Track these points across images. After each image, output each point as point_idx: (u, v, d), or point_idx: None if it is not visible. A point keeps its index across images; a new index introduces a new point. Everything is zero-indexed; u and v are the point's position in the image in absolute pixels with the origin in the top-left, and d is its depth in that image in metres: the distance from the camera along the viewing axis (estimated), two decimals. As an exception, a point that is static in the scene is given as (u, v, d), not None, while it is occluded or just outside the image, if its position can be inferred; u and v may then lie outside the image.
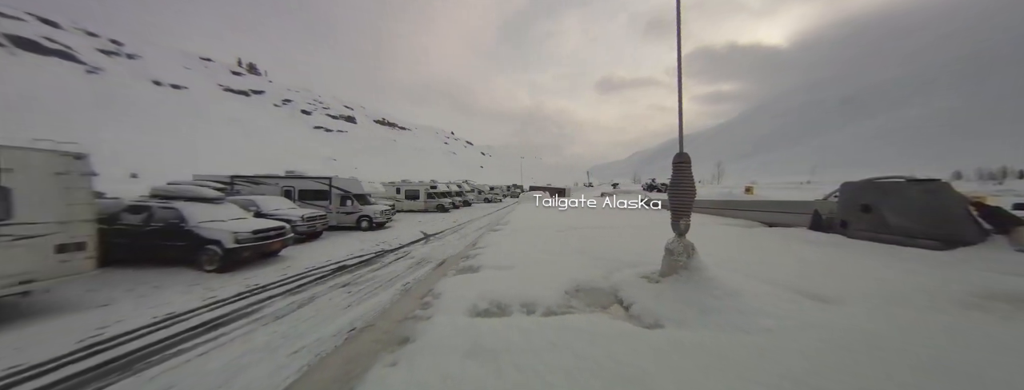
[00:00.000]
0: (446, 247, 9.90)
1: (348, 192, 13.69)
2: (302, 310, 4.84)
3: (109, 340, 3.91)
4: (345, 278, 6.55)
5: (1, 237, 4.22)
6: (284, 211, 10.52)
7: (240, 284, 6.10)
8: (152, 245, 7.09)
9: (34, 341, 3.85)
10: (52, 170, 4.73)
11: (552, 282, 4.49)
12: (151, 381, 3.08)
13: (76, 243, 4.90)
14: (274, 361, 3.41)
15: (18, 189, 4.40)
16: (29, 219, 4.47)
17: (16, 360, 3.42)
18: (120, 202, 7.65)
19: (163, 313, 4.73)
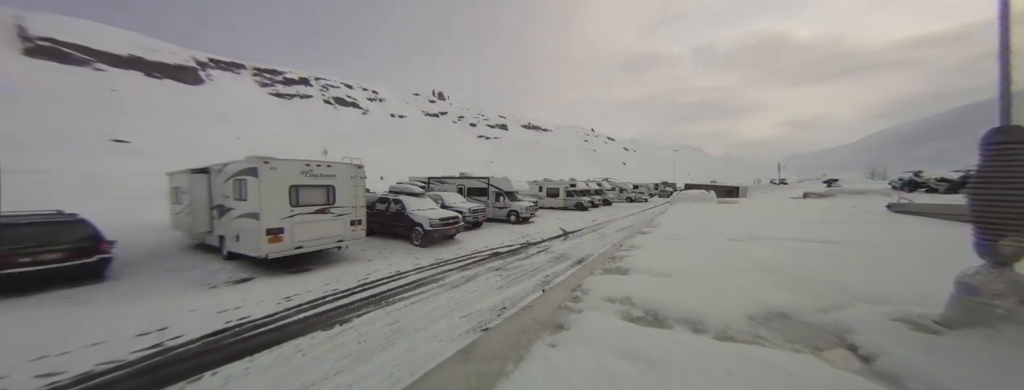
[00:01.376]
0: (584, 245, 9.84)
1: (501, 189, 15.81)
2: (468, 284, 5.96)
3: (371, 282, 6.07)
4: (497, 263, 7.60)
5: (330, 214, 7.28)
6: (458, 204, 13.26)
7: (432, 257, 8.15)
8: (390, 224, 10.48)
9: (339, 276, 6.44)
10: (350, 175, 7.75)
11: (726, 300, 3.67)
12: (388, 314, 4.57)
13: (359, 220, 7.86)
14: (451, 319, 4.38)
15: (337, 187, 7.46)
16: (341, 204, 7.50)
17: (334, 287, 5.81)
18: (375, 195, 11.70)
19: (394, 270, 6.90)
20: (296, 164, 6.74)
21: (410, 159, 74.95)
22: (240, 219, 6.69)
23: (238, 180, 6.75)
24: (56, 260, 5.31)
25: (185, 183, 8.48)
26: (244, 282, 5.97)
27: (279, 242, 6.31)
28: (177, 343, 3.72)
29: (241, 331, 4.04)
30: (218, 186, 7.57)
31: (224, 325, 4.18)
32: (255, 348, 3.60)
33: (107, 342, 3.69)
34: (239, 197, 6.74)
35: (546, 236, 11.67)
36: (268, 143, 53.68)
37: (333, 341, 3.78)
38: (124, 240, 7.38)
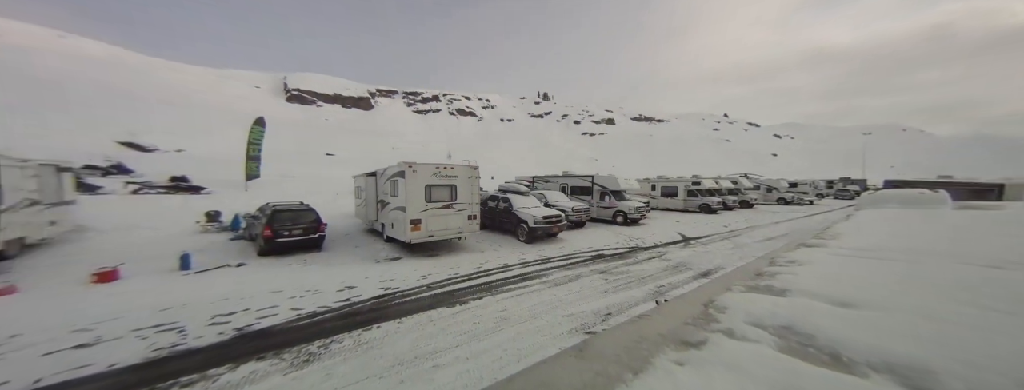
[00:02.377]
0: (712, 255, 8.27)
1: (606, 188, 14.95)
2: (571, 284, 5.90)
3: (483, 271, 6.78)
4: (601, 266, 7.23)
5: (453, 209, 8.49)
6: (561, 203, 13.29)
7: (536, 254, 8.45)
8: (499, 220, 11.45)
9: (459, 263, 7.43)
10: (467, 175, 8.85)
11: (976, 350, 2.46)
12: (498, 302, 5.00)
13: (474, 215, 8.89)
14: (553, 316, 4.44)
15: (458, 186, 8.63)
16: (461, 201, 8.65)
17: (456, 271, 6.75)
18: (486, 193, 12.97)
19: (502, 263, 7.51)
20: (430, 167, 8.15)
21: (517, 160, 79.53)
22: (394, 211, 8.59)
23: (393, 181, 8.67)
24: (300, 234, 8.09)
25: (362, 183, 11.48)
26: (396, 260, 7.64)
27: (418, 230, 7.78)
28: (359, 299, 5.09)
29: (394, 298, 5.20)
30: (381, 185, 9.91)
31: (384, 291, 5.46)
32: (403, 313, 4.57)
33: (321, 292, 5.39)
34: (393, 194, 8.64)
35: (660, 241, 10.40)
36: (411, 151, 66.83)
37: (455, 318, 4.41)
38: (330, 224, 10.57)
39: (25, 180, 7.07)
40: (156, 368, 3.19)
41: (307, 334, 3.92)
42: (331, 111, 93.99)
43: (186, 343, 3.65)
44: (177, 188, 16.54)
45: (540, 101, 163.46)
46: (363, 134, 78.16)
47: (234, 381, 2.96)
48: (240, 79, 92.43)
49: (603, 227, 13.34)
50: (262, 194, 16.07)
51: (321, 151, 50.38)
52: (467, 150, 76.16)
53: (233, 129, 41.56)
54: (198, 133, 41.35)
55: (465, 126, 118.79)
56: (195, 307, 4.64)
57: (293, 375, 3.05)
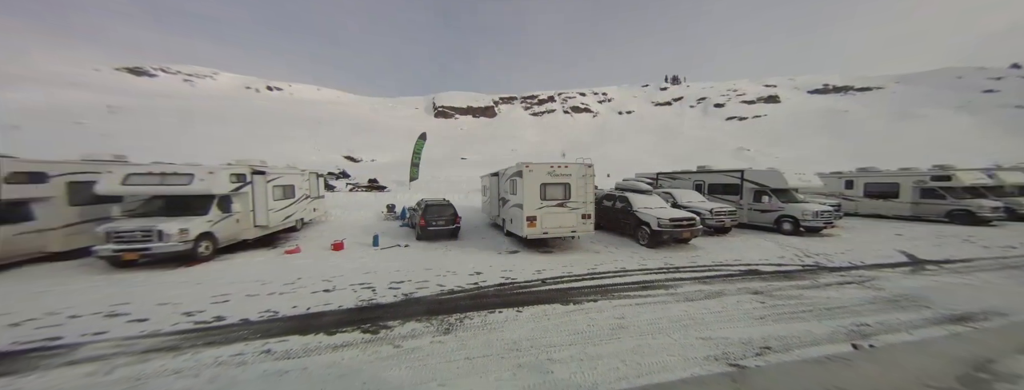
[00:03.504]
0: (978, 291, 5.26)
1: (764, 186, 11.65)
2: (708, 301, 4.92)
3: (598, 273, 6.51)
4: (756, 285, 5.71)
5: (566, 207, 8.50)
6: (695, 204, 11.24)
7: (661, 260, 7.46)
8: (615, 221, 10.73)
9: (573, 262, 7.37)
10: (581, 174, 8.67)
11: None
12: (614, 307, 4.70)
13: (588, 214, 8.65)
14: (684, 336, 3.81)
15: (572, 184, 8.57)
16: (575, 199, 8.57)
17: (570, 270, 6.74)
18: (601, 192, 12.34)
19: (619, 266, 7.00)
20: (544, 166, 8.43)
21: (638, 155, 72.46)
22: (513, 208, 9.33)
23: (512, 180, 9.43)
24: (443, 225, 9.88)
25: (487, 182, 12.99)
26: (515, 254, 8.29)
27: (534, 227, 8.20)
28: (485, 284, 5.81)
29: (513, 287, 5.66)
30: (502, 184, 10.95)
31: (504, 281, 6.03)
32: (521, 302, 4.92)
33: (457, 274, 6.41)
34: (513, 192, 9.40)
35: (862, 261, 7.38)
36: (528, 152, 70.97)
37: (568, 316, 4.42)
38: (463, 217, 12.44)
39: (304, 183, 11.42)
40: (362, 313, 4.57)
41: (447, 307, 4.76)
42: (465, 122, 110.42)
43: (376, 299, 5.07)
44: (371, 187, 23.12)
45: (667, 86, 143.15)
46: (488, 139, 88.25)
47: (402, 333, 3.91)
48: (406, 104, 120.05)
49: (759, 235, 10.54)
50: (419, 192, 20.51)
51: (457, 156, 59.87)
52: (581, 148, 74.70)
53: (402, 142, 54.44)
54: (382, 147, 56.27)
55: (580, 123, 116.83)
56: (381, 274, 6.38)
57: (438, 339, 3.77)
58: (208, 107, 65.07)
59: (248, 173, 8.50)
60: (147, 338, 3.77)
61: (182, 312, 4.49)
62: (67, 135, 36.32)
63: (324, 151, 47.92)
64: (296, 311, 4.57)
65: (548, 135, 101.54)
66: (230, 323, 4.18)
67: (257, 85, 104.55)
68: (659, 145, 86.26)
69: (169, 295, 5.12)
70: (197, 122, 52.66)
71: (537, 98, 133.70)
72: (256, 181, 8.69)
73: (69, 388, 2.88)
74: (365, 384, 2.93)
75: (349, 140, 57.93)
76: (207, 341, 3.71)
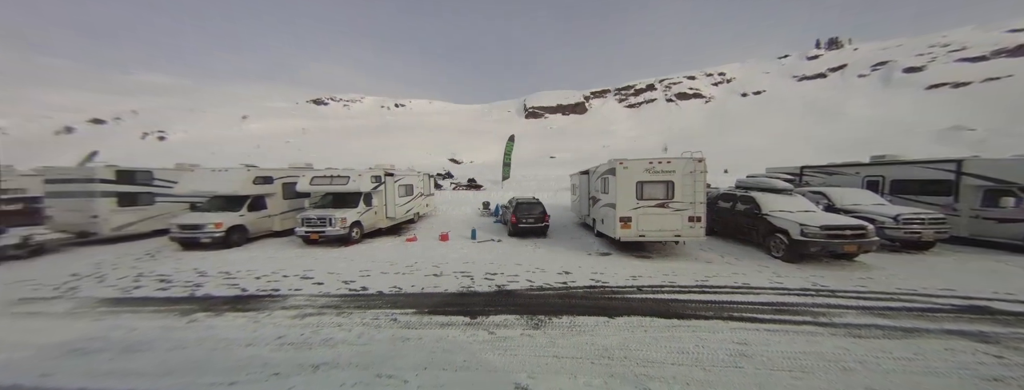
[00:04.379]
0: None
1: (1008, 183, 7.65)
2: (890, 342, 3.57)
3: (710, 286, 5.54)
4: (984, 328, 3.82)
5: (669, 208, 7.50)
6: (866, 207, 8.28)
7: (805, 279, 5.81)
8: (736, 226, 8.90)
9: (676, 270, 6.46)
10: (689, 170, 7.51)
11: None
12: (732, 330, 3.92)
13: (697, 217, 7.44)
14: (847, 384, 2.86)
15: (676, 182, 7.52)
16: (680, 199, 7.50)
17: (672, 279, 5.94)
18: (716, 191, 10.40)
19: (740, 281, 5.78)
20: (642, 163, 7.66)
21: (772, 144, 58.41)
22: (604, 207, 8.84)
23: (603, 178, 8.93)
24: (532, 222, 10.15)
25: (576, 181, 12.68)
26: (606, 256, 7.85)
27: (628, 228, 7.56)
28: (574, 285, 5.70)
29: (604, 292, 5.37)
30: (593, 182, 10.50)
31: (594, 283, 5.77)
32: (612, 309, 4.62)
33: (545, 272, 6.47)
34: (604, 191, 8.90)
35: None
36: (622, 148, 65.97)
37: (670, 331, 3.91)
38: (552, 215, 12.48)
39: (419, 183, 13.53)
40: (462, 298, 5.13)
41: (537, 303, 4.87)
42: (554, 120, 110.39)
43: (474, 287, 5.61)
44: (470, 186, 25.65)
45: (820, 52, 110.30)
46: (578, 136, 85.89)
47: (495, 322, 4.21)
48: (499, 108, 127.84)
49: (993, 256, 7.13)
50: (511, 190, 21.64)
51: (546, 154, 60.41)
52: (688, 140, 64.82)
53: (496, 145, 58.37)
54: (479, 149, 61.58)
55: (688, 111, 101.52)
56: (477, 265, 7.02)
57: (528, 333, 3.90)
58: (357, 124, 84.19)
59: (382, 175, 10.61)
60: (322, 297, 5.16)
61: (342, 280, 5.95)
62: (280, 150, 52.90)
63: (434, 155, 55.68)
64: (414, 289, 5.46)
65: (646, 128, 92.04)
66: (370, 293, 5.32)
67: (387, 104, 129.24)
68: (804, 131, 67.35)
69: (335, 266, 6.87)
70: (351, 136, 68.99)
71: (633, 88, 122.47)
72: (387, 181, 10.77)
73: (281, 323, 4.20)
74: (465, 361, 3.28)
75: (453, 144, 65.65)
76: (357, 304, 4.81)
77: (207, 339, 3.77)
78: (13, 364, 3.29)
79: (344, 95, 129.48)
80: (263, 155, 44.80)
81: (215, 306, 4.78)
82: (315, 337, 3.81)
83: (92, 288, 5.61)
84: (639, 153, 44.61)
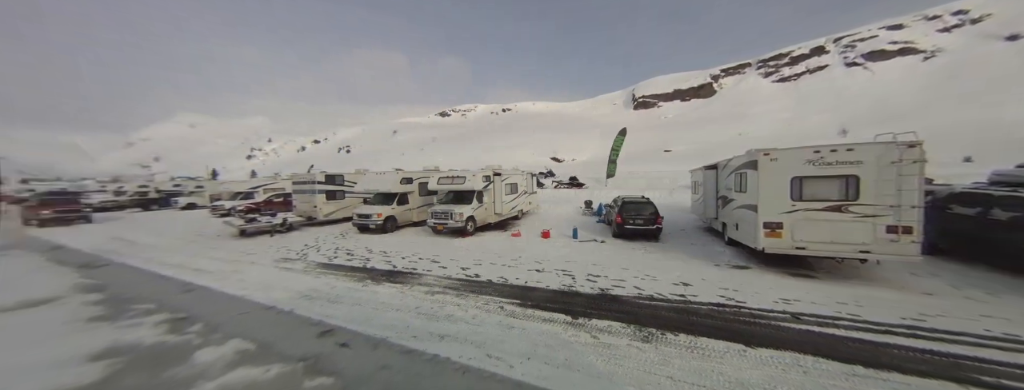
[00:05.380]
0: None
1: None
2: None
3: (928, 329, 3.75)
4: None
5: (849, 213, 5.45)
6: None
7: None
8: (990, 244, 5.73)
9: (862, 299, 4.63)
10: (888, 160, 5.26)
11: None
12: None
13: (904, 227, 5.15)
14: None
15: (863, 177, 5.40)
16: (869, 201, 5.36)
17: (854, 312, 4.31)
18: (947, 189, 6.92)
19: (1000, 330, 3.69)
20: (801, 153, 5.84)
21: (1076, 112, 35.57)
22: (739, 210, 7.18)
23: (739, 173, 7.25)
24: (641, 224, 9.20)
25: (699, 177, 10.74)
26: (741, 269, 6.37)
27: (778, 237, 5.91)
28: (695, 300, 4.87)
29: (737, 314, 4.37)
30: (723, 179, 8.68)
31: (725, 301, 4.77)
32: (752, 337, 3.71)
33: (657, 280, 5.75)
34: (739, 189, 7.23)
35: None
36: (766, 136, 52.15)
37: (850, 381, 2.85)
38: (666, 217, 10.98)
39: (523, 181, 14.24)
40: (563, 296, 5.13)
41: (646, 314, 4.39)
42: (669, 109, 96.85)
43: (575, 287, 5.51)
44: (572, 184, 25.30)
45: None
46: (701, 125, 72.75)
47: (599, 326, 4.02)
48: (605, 101, 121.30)
49: None
50: (615, 189, 20.24)
51: (659, 148, 53.71)
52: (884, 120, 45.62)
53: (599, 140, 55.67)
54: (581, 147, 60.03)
55: (886, 76, 71.55)
56: (579, 265, 6.86)
57: (636, 345, 3.56)
58: (471, 131, 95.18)
59: (491, 174, 11.66)
60: (445, 279, 6.08)
61: (460, 266, 6.86)
62: (415, 156, 64.85)
63: (536, 154, 57.48)
64: (518, 282, 5.80)
65: (807, 106, 70.05)
66: (482, 281, 5.94)
67: (496, 110, 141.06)
68: None
69: (454, 254, 7.99)
70: (467, 141, 78.61)
71: (787, 56, 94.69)
72: (495, 181, 11.77)
73: (418, 296, 5.15)
74: (567, 360, 3.26)
75: (554, 143, 66.15)
76: (471, 289, 5.46)
77: (372, 300, 5.00)
78: (275, 298, 5.19)
79: (461, 106, 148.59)
80: (406, 161, 56.21)
81: (376, 276, 6.29)
82: (441, 311, 4.52)
83: (313, 255, 8.27)
84: (793, 139, 34.80)
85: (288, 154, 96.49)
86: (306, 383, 2.24)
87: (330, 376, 2.42)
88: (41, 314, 3.31)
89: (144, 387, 1.20)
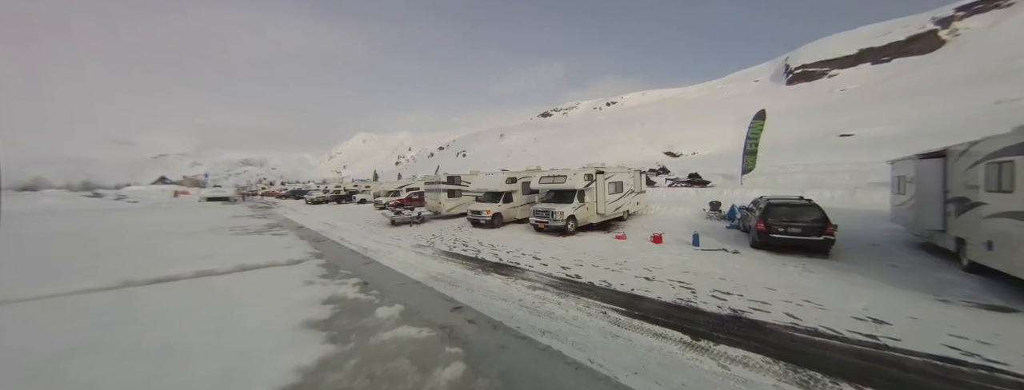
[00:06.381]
0: None
1: None
2: None
3: None
4: None
5: None
6: None
7: None
8: None
9: None
10: None
11: None
12: None
13: None
14: None
15: None
16: None
17: None
18: None
19: None
20: None
21: None
22: (995, 219, 4.65)
23: (995, 164, 4.70)
24: (798, 233, 7.09)
25: (909, 171, 7.44)
26: (998, 311, 4.13)
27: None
28: (894, 345, 3.45)
29: (991, 379, 2.85)
30: (959, 173, 5.80)
31: (959, 356, 3.20)
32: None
33: (826, 310, 4.32)
34: (996, 187, 4.68)
35: None
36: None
37: None
38: (844, 226, 8.10)
39: (629, 179, 13.11)
40: (679, 311, 4.48)
41: (808, 353, 3.37)
42: (847, 77, 70.55)
43: (695, 303, 4.73)
44: (693, 183, 21.71)
45: None
46: (909, 94, 50.13)
47: (730, 355, 3.34)
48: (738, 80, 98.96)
49: None
50: (756, 187, 16.24)
51: (831, 132, 40.04)
52: None
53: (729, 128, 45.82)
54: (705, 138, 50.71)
55: None
56: (701, 277, 5.85)
57: (784, 388, 2.80)
58: (573, 128, 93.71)
59: (593, 173, 11.24)
60: (546, 276, 6.24)
61: (561, 265, 6.92)
62: (519, 157, 68.26)
63: (646, 149, 51.84)
64: (623, 288, 5.41)
65: None
66: (583, 282, 5.82)
67: (600, 105, 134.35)
68: None
69: (555, 252, 8.10)
70: (569, 139, 77.93)
71: None
72: (598, 179, 11.28)
73: (521, 289, 5.47)
74: (685, 386, 2.86)
75: (669, 135, 58.05)
76: (572, 290, 5.43)
77: (483, 287, 5.62)
78: (417, 277, 6.45)
79: (562, 105, 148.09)
80: (511, 162, 60.18)
81: (486, 267, 7.02)
82: (542, 307, 4.68)
83: (438, 244, 9.88)
84: None
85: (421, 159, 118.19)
86: (446, 349, 2.76)
87: (461, 346, 2.89)
88: (293, 271, 5.08)
89: (352, 327, 1.78)
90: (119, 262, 3.47)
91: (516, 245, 9.19)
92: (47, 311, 2.13)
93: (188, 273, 3.14)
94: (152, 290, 2.66)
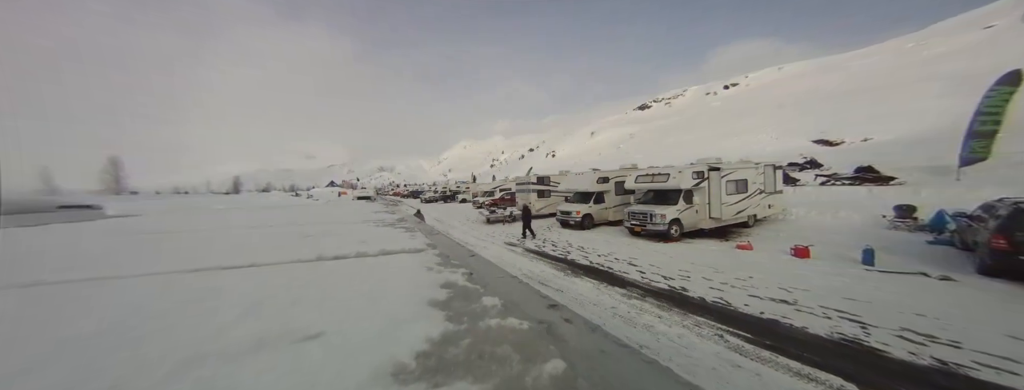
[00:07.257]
0: None
1: None
2: None
3: None
4: None
5: None
6: None
7: None
8: None
9: None
10: None
11: None
12: None
13: None
14: None
15: None
16: None
17: None
18: None
19: None
20: None
21: None
22: None
23: None
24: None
25: None
26: None
27: None
28: None
29: None
30: None
31: None
32: None
33: None
34: None
35: None
36: None
37: None
38: None
39: (757, 177, 10.74)
40: (840, 351, 3.41)
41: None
42: None
43: (869, 342, 3.54)
44: (862, 179, 16.21)
45: None
46: None
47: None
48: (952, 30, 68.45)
49: None
50: (988, 185, 11.03)
51: None
52: None
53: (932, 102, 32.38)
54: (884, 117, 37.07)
55: None
56: (880, 309, 4.33)
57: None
58: (679, 119, 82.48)
59: (705, 170, 9.68)
60: (645, 286, 5.71)
61: (662, 275, 6.22)
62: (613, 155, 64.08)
63: (785, 138, 41.27)
64: (747, 310, 4.50)
65: None
66: (691, 296, 5.10)
67: (714, 89, 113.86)
68: None
69: (654, 260, 7.33)
70: (673, 132, 68.99)
71: None
72: (711, 177, 9.66)
73: (615, 297, 5.15)
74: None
75: (822, 119, 44.71)
76: (676, 303, 4.84)
77: (572, 289, 5.55)
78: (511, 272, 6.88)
79: (664, 94, 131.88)
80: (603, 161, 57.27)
81: (575, 269, 6.92)
82: (639, 319, 4.32)
83: (528, 243, 10.25)
84: None
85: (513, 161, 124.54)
86: (546, 345, 2.91)
87: (559, 344, 2.98)
88: (417, 257, 6.16)
89: (464, 310, 2.09)
90: (313, 243, 4.90)
91: (608, 249, 8.74)
92: (276, 274, 3.23)
93: (352, 253, 4.19)
94: (334, 264, 3.66)
